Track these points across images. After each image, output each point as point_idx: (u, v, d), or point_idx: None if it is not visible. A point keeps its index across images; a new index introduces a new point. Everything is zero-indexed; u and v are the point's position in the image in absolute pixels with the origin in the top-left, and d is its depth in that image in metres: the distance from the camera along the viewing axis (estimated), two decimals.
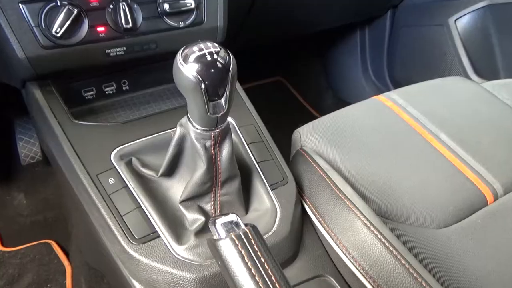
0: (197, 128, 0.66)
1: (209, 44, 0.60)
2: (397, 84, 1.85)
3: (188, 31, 0.94)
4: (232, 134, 0.74)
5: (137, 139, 0.84)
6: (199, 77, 0.58)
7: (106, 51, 0.87)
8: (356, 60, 2.03)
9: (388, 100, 1.16)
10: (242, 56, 1.00)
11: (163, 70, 1.01)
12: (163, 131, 0.86)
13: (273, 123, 1.09)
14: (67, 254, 1.29)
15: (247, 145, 0.89)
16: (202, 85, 0.58)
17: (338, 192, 0.84)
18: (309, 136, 1.01)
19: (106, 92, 0.97)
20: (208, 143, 0.68)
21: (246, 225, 0.58)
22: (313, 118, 1.07)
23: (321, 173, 0.88)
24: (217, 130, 0.67)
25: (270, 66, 2.33)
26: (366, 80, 2.00)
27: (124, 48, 0.88)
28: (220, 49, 0.60)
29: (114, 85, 0.98)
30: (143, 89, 1.02)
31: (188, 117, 0.67)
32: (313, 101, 2.26)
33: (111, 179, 0.77)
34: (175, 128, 0.73)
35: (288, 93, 2.32)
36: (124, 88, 1.00)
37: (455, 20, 1.58)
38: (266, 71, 2.34)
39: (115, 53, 0.88)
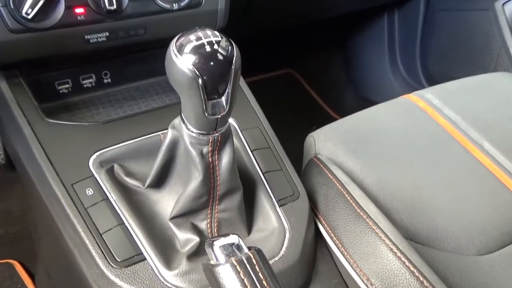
0: (192, 131, 0.67)
1: (208, 32, 0.61)
2: (432, 80, 1.85)
3: (183, 15, 0.95)
4: (234, 139, 0.75)
5: (120, 143, 0.85)
6: (196, 71, 0.59)
7: (86, 36, 0.88)
8: (383, 50, 2.03)
9: (421, 99, 1.16)
10: (246, 44, 1.01)
11: (152, 60, 1.02)
12: (152, 133, 0.87)
13: (282, 126, 1.10)
14: (32, 277, 1.30)
15: (251, 152, 0.90)
16: (200, 81, 0.59)
17: (359, 210, 0.84)
18: (325, 141, 1.02)
19: (84, 85, 0.99)
20: (205, 149, 0.68)
21: (249, 248, 0.58)
22: (330, 119, 1.07)
23: (339, 186, 0.89)
24: (216, 134, 0.67)
25: (279, 57, 2.34)
26: (395, 74, 2.01)
27: (107, 34, 0.89)
28: (222, 38, 0.61)
29: (94, 77, 0.99)
30: (128, 82, 1.03)
31: (182, 117, 0.68)
32: (330, 99, 2.26)
33: (89, 190, 0.78)
34: (166, 131, 0.73)
35: (300, 88, 2.33)
36: (105, 81, 1.01)
37: (503, 4, 1.58)
38: (274, 62, 2.35)
39: (96, 40, 0.89)
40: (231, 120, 0.89)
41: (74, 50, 0.89)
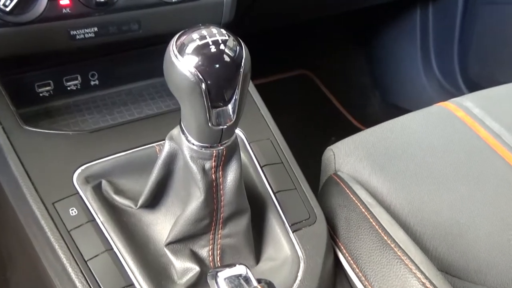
0: (193, 144, 0.68)
1: (214, 30, 0.62)
2: (472, 85, 1.85)
3: (183, 8, 0.96)
4: (241, 153, 0.75)
5: (109, 155, 0.86)
6: (199, 74, 0.60)
7: (71, 32, 0.89)
8: (415, 49, 2.03)
9: (459, 108, 1.17)
10: (254, 40, 1.02)
11: (147, 59, 1.04)
12: (146, 145, 0.88)
13: (296, 137, 1.11)
14: None
15: (261, 168, 0.91)
16: (203, 86, 0.60)
17: (385, 237, 0.85)
18: (347, 156, 1.02)
19: (68, 88, 1.00)
20: (207, 165, 0.69)
21: (258, 281, 0.59)
22: (352, 129, 1.08)
23: (363, 209, 0.89)
24: (221, 147, 0.68)
25: (292, 55, 2.34)
26: (428, 77, 2.00)
27: (96, 29, 0.91)
28: (229, 37, 0.62)
29: (79, 78, 1.01)
30: (118, 84, 1.05)
31: (181, 127, 0.69)
32: (352, 105, 2.26)
33: (72, 210, 0.79)
34: (162, 142, 0.74)
35: (317, 93, 2.33)
36: (92, 83, 1.02)
37: None
38: (287, 62, 2.35)
39: (82, 36, 0.90)
40: (237, 131, 0.90)
41: (57, 47, 0.91)
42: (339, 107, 2.29)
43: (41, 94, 0.98)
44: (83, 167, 0.84)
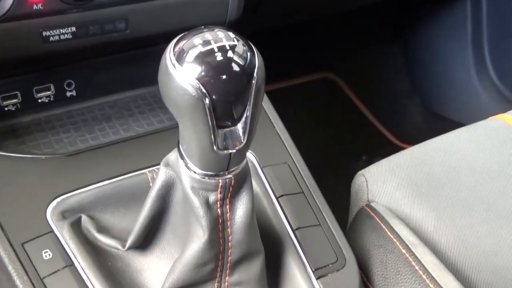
0: (194, 172, 0.68)
1: (219, 33, 0.63)
2: None
3: (179, 3, 0.98)
4: (253, 181, 0.76)
5: (91, 185, 0.87)
6: (201, 88, 0.60)
7: (44, 33, 0.90)
8: (464, 45, 2.03)
9: None
10: (268, 39, 1.01)
11: (135, 64, 1.05)
12: (135, 171, 0.89)
13: (320, 158, 1.10)
14: None
15: (277, 199, 0.91)
16: (207, 101, 0.61)
17: (432, 285, 0.84)
18: (383, 182, 1.03)
19: (39, 100, 1.01)
20: (212, 197, 0.70)
21: None
22: (387, 146, 1.08)
23: (403, 250, 0.89)
24: (229, 176, 0.69)
25: (314, 55, 2.33)
26: (482, 81, 2.00)
27: (73, 29, 0.92)
28: (238, 41, 0.63)
29: (53, 88, 1.02)
30: (100, 95, 1.06)
31: (179, 151, 0.69)
32: (387, 116, 2.26)
33: (46, 252, 0.79)
34: (156, 168, 0.75)
35: (345, 100, 2.33)
36: (68, 94, 1.03)
37: None
38: (307, 64, 2.34)
39: (57, 37, 0.91)
40: (248, 154, 0.90)
41: (27, 52, 0.92)
42: (370, 118, 2.28)
43: (6, 108, 0.99)
44: (58, 200, 0.84)
